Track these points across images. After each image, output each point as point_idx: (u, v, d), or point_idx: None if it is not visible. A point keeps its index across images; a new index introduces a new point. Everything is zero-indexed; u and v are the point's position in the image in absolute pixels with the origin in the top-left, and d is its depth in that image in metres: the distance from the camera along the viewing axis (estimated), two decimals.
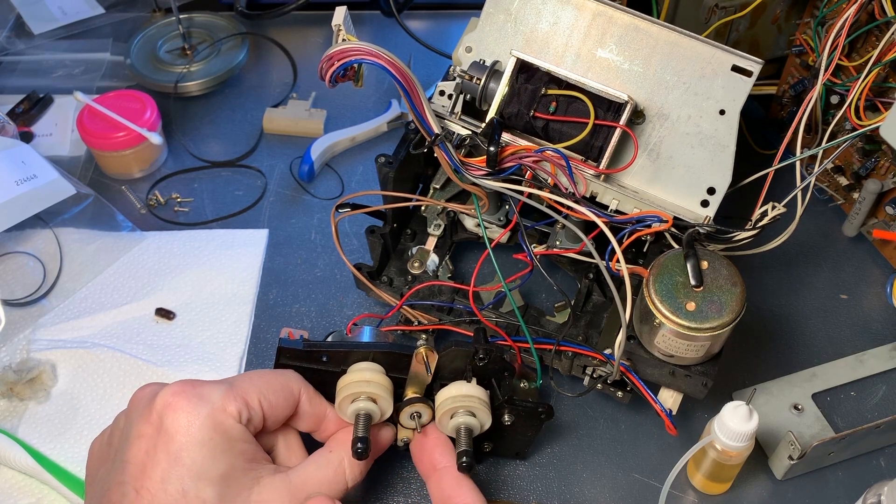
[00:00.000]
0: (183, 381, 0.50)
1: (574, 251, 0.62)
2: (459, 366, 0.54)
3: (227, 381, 0.51)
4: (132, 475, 0.47)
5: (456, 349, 0.54)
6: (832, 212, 0.77)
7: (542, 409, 0.56)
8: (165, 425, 0.47)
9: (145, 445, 0.47)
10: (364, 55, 0.53)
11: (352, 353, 0.54)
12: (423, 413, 0.55)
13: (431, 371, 0.54)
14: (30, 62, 0.92)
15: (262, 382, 0.52)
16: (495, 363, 0.54)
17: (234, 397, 0.49)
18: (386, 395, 0.53)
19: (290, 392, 0.53)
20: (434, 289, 0.65)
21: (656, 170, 0.60)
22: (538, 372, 0.59)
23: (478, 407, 0.53)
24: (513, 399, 0.55)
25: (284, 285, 0.72)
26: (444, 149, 0.57)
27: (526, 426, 0.57)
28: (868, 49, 0.65)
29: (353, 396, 0.53)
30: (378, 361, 0.54)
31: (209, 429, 0.48)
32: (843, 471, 0.61)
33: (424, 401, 0.54)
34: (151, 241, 0.75)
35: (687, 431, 0.63)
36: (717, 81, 0.59)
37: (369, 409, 0.53)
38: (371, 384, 0.53)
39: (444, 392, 0.54)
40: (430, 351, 0.53)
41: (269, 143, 0.84)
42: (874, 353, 0.67)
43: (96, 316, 0.69)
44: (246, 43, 0.92)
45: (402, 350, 0.54)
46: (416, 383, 0.55)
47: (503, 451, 0.60)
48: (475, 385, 0.54)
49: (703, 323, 0.52)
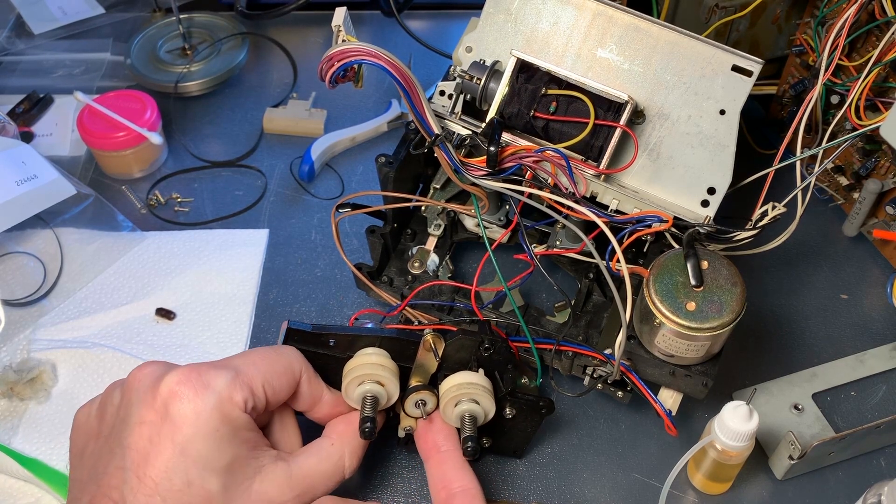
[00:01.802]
0: (188, 368, 0.49)
1: (574, 251, 0.62)
2: (464, 357, 0.55)
3: (231, 367, 0.50)
4: (134, 462, 0.46)
5: (463, 338, 0.54)
6: (832, 212, 0.77)
7: (544, 404, 0.56)
8: (171, 414, 0.47)
9: (148, 432, 0.47)
10: (364, 56, 0.53)
11: (359, 339, 0.54)
12: (429, 401, 0.55)
13: (439, 355, 0.54)
14: (30, 62, 0.92)
15: (267, 366, 0.51)
16: (500, 354, 0.54)
17: (241, 386, 0.49)
18: (393, 378, 0.53)
19: (292, 374, 0.53)
20: (434, 289, 0.65)
21: (656, 170, 0.60)
22: (538, 371, 0.59)
23: (482, 395, 0.54)
24: (515, 392, 0.56)
25: (285, 285, 0.72)
26: (444, 149, 0.57)
27: (526, 421, 0.57)
28: (868, 49, 0.65)
29: (360, 379, 0.53)
30: (384, 348, 0.54)
31: (216, 419, 0.47)
32: (843, 471, 0.61)
33: (430, 388, 0.55)
34: (151, 241, 0.75)
35: (687, 431, 0.63)
36: (717, 81, 0.59)
37: (376, 392, 0.53)
38: (379, 367, 0.53)
39: (450, 380, 0.54)
40: (437, 338, 0.54)
41: (269, 143, 0.84)
42: (874, 353, 0.67)
43: (96, 316, 0.69)
44: (246, 43, 0.92)
45: (409, 337, 0.54)
46: (421, 372, 0.55)
47: (501, 447, 0.60)
48: (480, 374, 0.55)
49: (703, 323, 0.52)
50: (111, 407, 0.50)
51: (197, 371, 0.49)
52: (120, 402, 0.50)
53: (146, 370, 0.50)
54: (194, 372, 0.49)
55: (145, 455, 0.46)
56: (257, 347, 0.54)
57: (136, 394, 0.49)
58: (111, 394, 0.51)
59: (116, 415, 0.50)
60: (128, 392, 0.50)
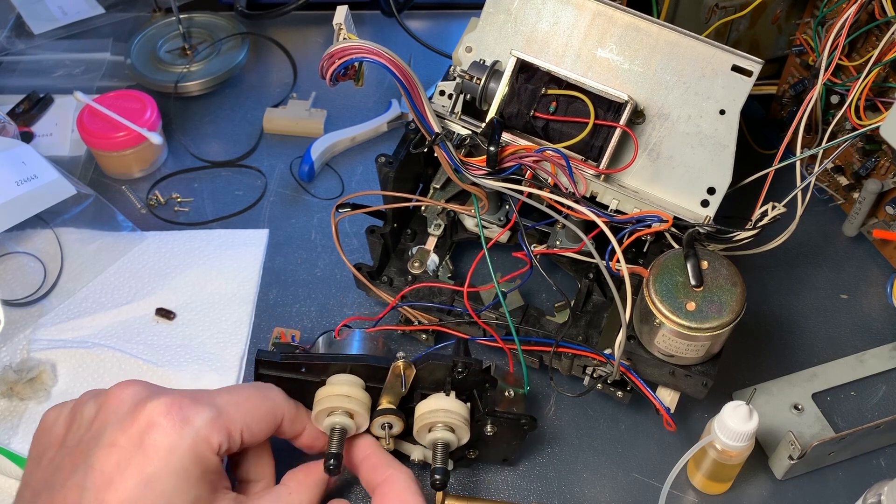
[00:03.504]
0: (171, 399, 0.48)
1: (574, 251, 0.62)
2: (440, 377, 0.54)
3: (214, 405, 0.49)
4: (95, 483, 0.45)
5: (432, 363, 0.54)
6: (832, 212, 0.77)
7: (525, 422, 0.56)
8: (145, 444, 0.46)
9: (117, 457, 0.46)
10: (365, 53, 0.53)
11: (330, 366, 0.55)
12: (395, 425, 0.55)
13: (406, 386, 0.54)
14: (30, 62, 0.92)
15: (249, 409, 0.51)
16: (475, 376, 0.54)
17: (219, 428, 0.48)
18: (363, 410, 0.53)
19: (273, 419, 0.53)
20: (435, 289, 0.65)
21: (656, 170, 0.60)
22: (525, 378, 0.58)
23: (457, 423, 0.53)
24: (495, 411, 0.55)
25: (285, 285, 0.72)
26: (444, 148, 0.57)
27: (510, 435, 0.57)
28: (868, 49, 0.65)
29: (329, 410, 0.53)
30: (356, 373, 0.54)
31: (188, 459, 0.47)
32: (843, 471, 0.61)
33: (397, 413, 0.54)
34: (151, 241, 0.75)
35: (687, 431, 0.63)
36: (717, 81, 0.59)
37: (345, 424, 0.53)
38: (348, 399, 0.53)
39: (424, 405, 0.54)
40: (407, 366, 0.53)
41: (269, 143, 0.84)
42: (874, 353, 0.67)
43: (96, 316, 0.69)
44: (246, 43, 0.92)
45: (378, 363, 0.54)
46: (391, 393, 0.54)
47: (489, 457, 0.60)
48: (454, 399, 0.54)
49: (703, 323, 0.52)
50: (82, 418, 0.49)
51: (179, 403, 0.48)
52: (94, 417, 0.49)
53: (128, 391, 0.49)
54: (176, 404, 0.48)
55: (109, 479, 0.45)
56: (245, 385, 0.53)
57: (115, 415, 0.48)
58: (85, 403, 0.50)
59: (88, 429, 0.48)
60: (105, 410, 0.48)
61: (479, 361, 0.54)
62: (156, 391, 0.49)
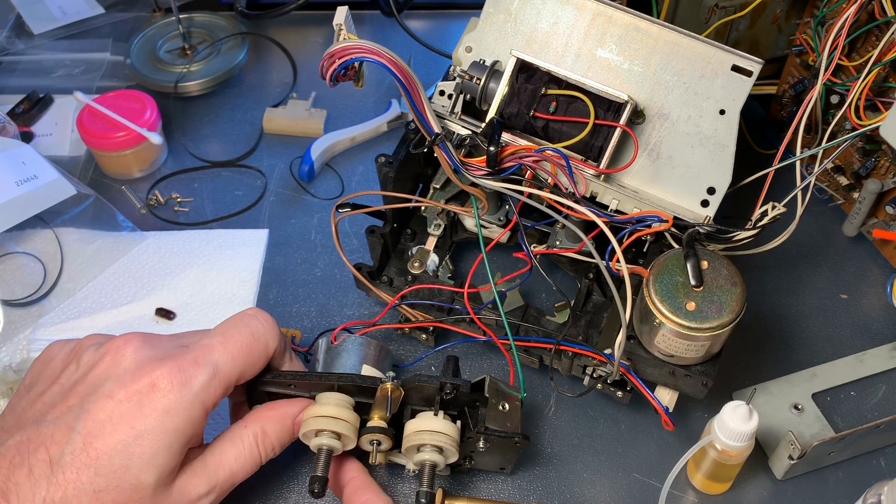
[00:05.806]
0: (173, 363, 0.49)
1: (574, 251, 0.62)
2: (430, 394, 0.54)
3: (211, 364, 0.50)
4: (86, 428, 0.47)
5: (419, 384, 0.54)
6: (832, 212, 0.77)
7: (518, 440, 0.55)
8: (143, 404, 0.48)
9: (112, 408, 0.47)
10: (366, 53, 0.53)
11: (318, 384, 0.55)
12: (383, 442, 0.54)
13: (393, 409, 0.54)
14: (30, 62, 0.92)
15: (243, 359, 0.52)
16: (464, 395, 0.54)
17: (216, 387, 0.50)
18: (350, 432, 0.53)
19: (265, 358, 0.54)
20: (434, 289, 0.65)
21: (656, 170, 0.60)
22: (521, 384, 0.58)
23: (446, 444, 0.53)
24: (486, 429, 0.54)
25: (284, 285, 0.72)
26: (444, 148, 0.57)
27: (504, 450, 0.56)
28: (868, 49, 0.65)
29: (317, 430, 0.53)
30: (345, 391, 0.54)
31: (182, 419, 0.48)
32: (843, 471, 0.61)
33: (386, 430, 0.54)
34: (151, 241, 0.75)
35: (687, 431, 0.63)
36: (717, 81, 0.59)
37: (331, 446, 0.53)
38: (336, 421, 0.53)
39: (413, 424, 0.54)
40: (395, 388, 0.53)
41: (269, 143, 0.84)
42: (874, 353, 0.67)
43: (96, 316, 0.69)
44: (246, 43, 0.92)
45: (366, 383, 0.54)
46: (381, 408, 0.54)
47: (486, 466, 0.60)
48: (443, 420, 0.54)
49: (703, 323, 0.52)
50: (80, 361, 0.51)
51: (180, 366, 0.49)
52: (94, 365, 0.50)
53: (131, 346, 0.50)
54: (177, 368, 0.49)
55: (101, 427, 0.47)
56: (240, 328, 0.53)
57: (116, 369, 0.49)
58: (87, 348, 0.51)
59: (85, 374, 0.50)
60: (105, 361, 0.50)
61: (468, 382, 0.54)
62: (158, 354, 0.50)
